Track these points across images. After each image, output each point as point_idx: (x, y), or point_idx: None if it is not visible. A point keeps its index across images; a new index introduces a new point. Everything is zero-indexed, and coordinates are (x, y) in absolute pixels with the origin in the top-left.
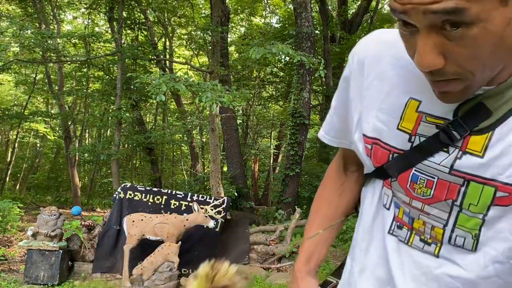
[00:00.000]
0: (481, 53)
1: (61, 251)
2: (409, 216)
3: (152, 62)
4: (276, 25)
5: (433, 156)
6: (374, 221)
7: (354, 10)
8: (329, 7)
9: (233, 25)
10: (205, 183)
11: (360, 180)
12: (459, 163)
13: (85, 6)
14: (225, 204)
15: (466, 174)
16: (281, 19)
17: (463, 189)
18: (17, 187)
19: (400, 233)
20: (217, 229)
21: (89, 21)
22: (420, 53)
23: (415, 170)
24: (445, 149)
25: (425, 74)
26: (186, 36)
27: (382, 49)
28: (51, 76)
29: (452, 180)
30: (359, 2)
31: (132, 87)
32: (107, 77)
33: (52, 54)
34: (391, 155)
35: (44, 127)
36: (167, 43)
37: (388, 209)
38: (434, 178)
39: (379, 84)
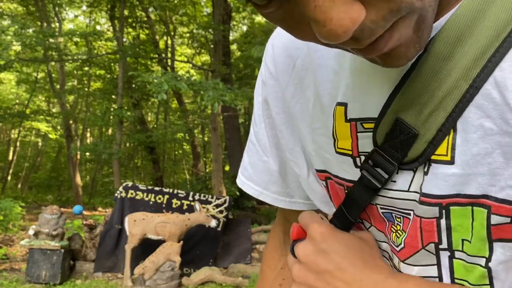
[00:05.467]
0: None
1: (62, 250)
2: None
3: (154, 60)
4: None
5: (395, 181)
6: None
7: None
8: None
9: (235, 23)
10: (207, 182)
11: None
12: (427, 182)
13: (87, 4)
14: (227, 204)
15: (440, 198)
16: None
17: (443, 222)
18: (19, 186)
19: None
20: (219, 229)
21: (91, 19)
22: (321, 16)
23: (380, 208)
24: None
25: (349, 46)
26: (187, 35)
27: (292, 45)
28: (53, 75)
29: (424, 214)
30: None
31: (133, 85)
32: (109, 75)
33: (53, 53)
34: (346, 191)
35: (46, 126)
36: (169, 41)
37: None
38: (410, 214)
39: (303, 94)
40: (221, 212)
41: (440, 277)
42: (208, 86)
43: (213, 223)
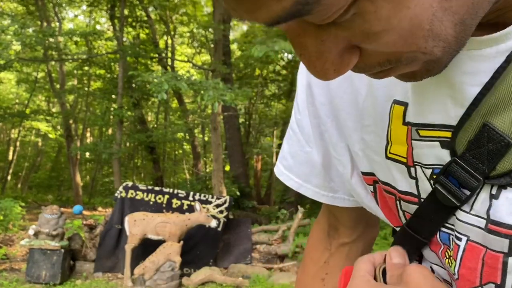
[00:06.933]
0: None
1: (62, 250)
2: None
3: (154, 60)
4: None
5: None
6: None
7: None
8: None
9: (235, 22)
10: (207, 182)
11: (355, 254)
12: (498, 207)
13: (87, 3)
14: (227, 204)
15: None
16: None
17: (511, 262)
18: (19, 186)
19: None
20: (219, 229)
21: (91, 19)
22: (306, 63)
23: (442, 226)
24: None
25: None
26: (188, 34)
27: None
28: (53, 75)
29: (489, 244)
30: None
31: (133, 85)
32: (109, 75)
33: (53, 52)
34: (398, 202)
35: (46, 126)
36: (169, 41)
37: None
38: (460, 240)
39: (351, 84)
40: (221, 212)
41: None
42: (208, 85)
43: (213, 223)
